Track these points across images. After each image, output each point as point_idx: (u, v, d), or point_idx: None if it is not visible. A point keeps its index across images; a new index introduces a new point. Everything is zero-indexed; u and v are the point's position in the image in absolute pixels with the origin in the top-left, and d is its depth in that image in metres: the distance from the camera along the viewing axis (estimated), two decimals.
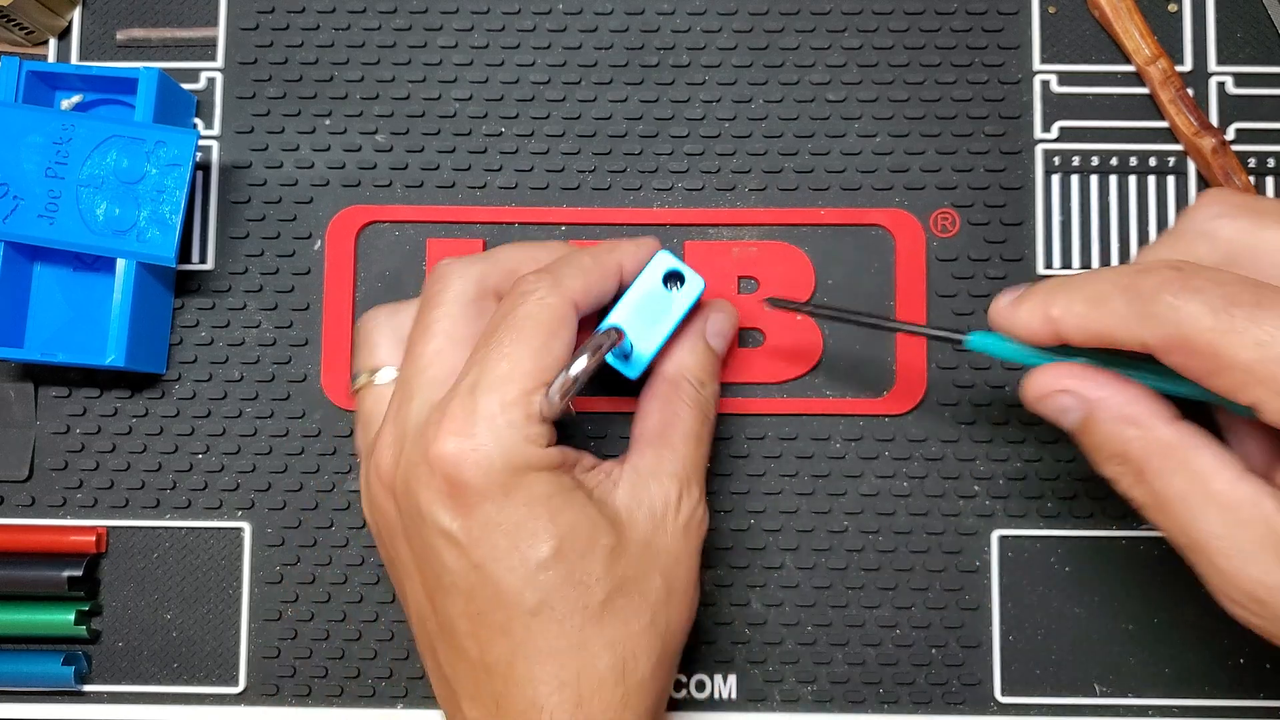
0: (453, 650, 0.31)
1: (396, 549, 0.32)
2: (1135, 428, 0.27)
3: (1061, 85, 0.39)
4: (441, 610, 0.31)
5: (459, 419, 0.30)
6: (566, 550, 0.30)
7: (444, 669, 0.32)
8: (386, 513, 0.32)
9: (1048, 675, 0.38)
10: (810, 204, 0.39)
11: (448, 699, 0.32)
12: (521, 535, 0.30)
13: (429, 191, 0.39)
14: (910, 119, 0.39)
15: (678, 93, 0.39)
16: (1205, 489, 0.26)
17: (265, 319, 0.39)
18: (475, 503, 0.30)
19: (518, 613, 0.30)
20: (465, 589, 0.30)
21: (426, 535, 0.30)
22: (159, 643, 0.38)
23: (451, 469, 0.29)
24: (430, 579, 0.31)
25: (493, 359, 0.30)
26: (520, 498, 0.30)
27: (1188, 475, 0.26)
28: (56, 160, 0.36)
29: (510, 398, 0.30)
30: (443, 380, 0.31)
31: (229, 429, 0.39)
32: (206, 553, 0.39)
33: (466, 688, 0.31)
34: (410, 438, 0.31)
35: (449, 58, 0.40)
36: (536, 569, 0.30)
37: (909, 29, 0.39)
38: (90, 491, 0.39)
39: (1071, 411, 0.28)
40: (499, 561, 0.30)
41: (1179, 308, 0.25)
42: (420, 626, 0.32)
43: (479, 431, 0.29)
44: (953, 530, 0.38)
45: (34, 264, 0.38)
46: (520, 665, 0.30)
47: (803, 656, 0.38)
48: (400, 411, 0.31)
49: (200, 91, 0.40)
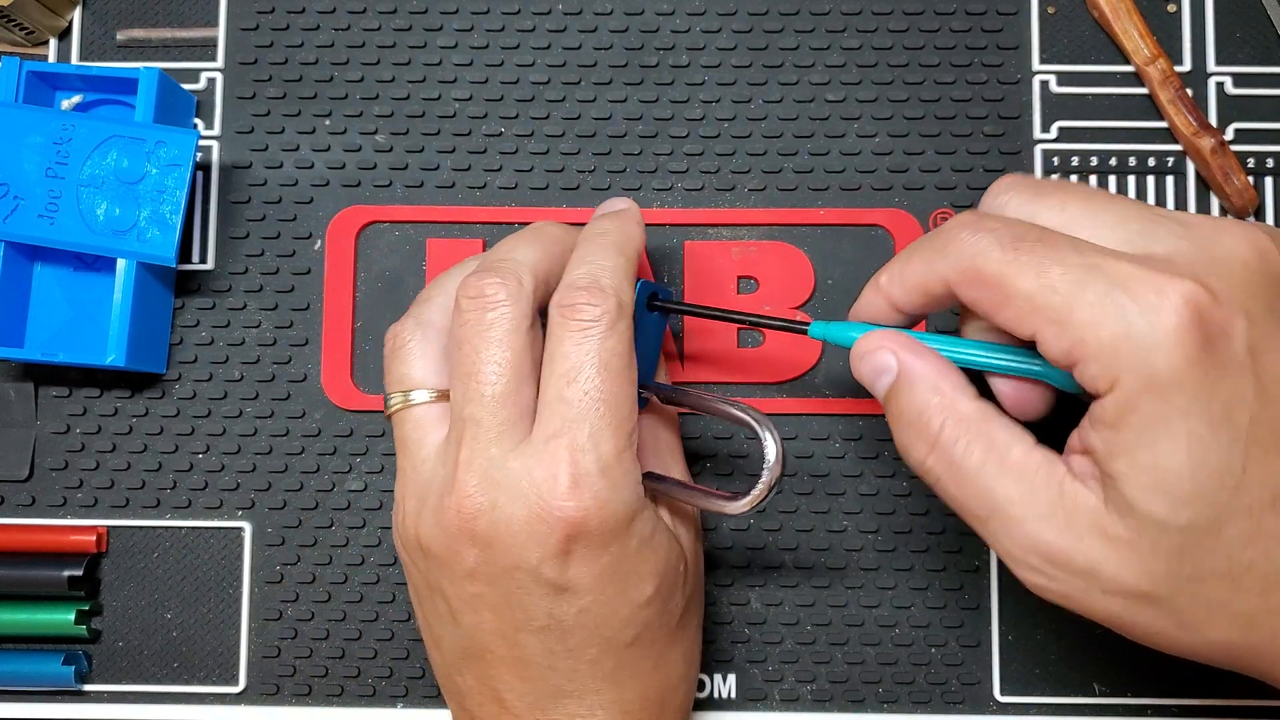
0: (520, 676, 0.31)
1: (459, 586, 0.31)
2: (939, 397, 0.28)
3: (1060, 85, 0.39)
4: (520, 644, 0.31)
5: (577, 473, 0.29)
6: (663, 587, 0.31)
7: (500, 691, 0.31)
8: (453, 553, 0.30)
9: (1047, 675, 0.38)
10: (810, 204, 0.39)
11: (492, 714, 0.32)
12: (630, 580, 0.30)
13: (429, 191, 0.39)
14: (910, 119, 0.39)
15: (677, 93, 0.39)
16: (1002, 458, 0.27)
17: (265, 319, 0.39)
18: (594, 555, 0.30)
19: (614, 647, 0.31)
20: (561, 631, 0.30)
21: (521, 583, 0.30)
22: (159, 642, 0.38)
23: (576, 526, 0.29)
24: (517, 619, 0.30)
25: (589, 405, 0.30)
26: (633, 544, 0.30)
27: (985, 445, 0.27)
28: (57, 160, 0.36)
29: (621, 445, 0.30)
30: (517, 421, 0.30)
31: (229, 429, 0.39)
32: (207, 552, 0.39)
33: (529, 709, 0.31)
34: (508, 488, 0.30)
35: (449, 58, 0.40)
36: (639, 608, 0.31)
37: (908, 29, 0.39)
38: (90, 491, 0.39)
39: (887, 374, 0.29)
40: (607, 605, 0.30)
41: (973, 242, 0.27)
42: (470, 647, 0.31)
43: (600, 485, 0.29)
44: (952, 530, 0.38)
45: (34, 264, 0.38)
46: (608, 691, 0.31)
47: (802, 656, 0.38)
48: (476, 455, 0.30)
49: (200, 91, 0.40)
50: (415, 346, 0.33)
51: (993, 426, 0.28)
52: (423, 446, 0.32)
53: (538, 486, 0.29)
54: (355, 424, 0.39)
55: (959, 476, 0.28)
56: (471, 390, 0.30)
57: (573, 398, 0.30)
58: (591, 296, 0.30)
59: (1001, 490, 0.27)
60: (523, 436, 0.30)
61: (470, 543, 0.30)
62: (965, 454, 0.28)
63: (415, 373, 0.32)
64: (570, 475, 0.29)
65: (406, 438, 0.32)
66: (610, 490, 0.29)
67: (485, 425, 0.30)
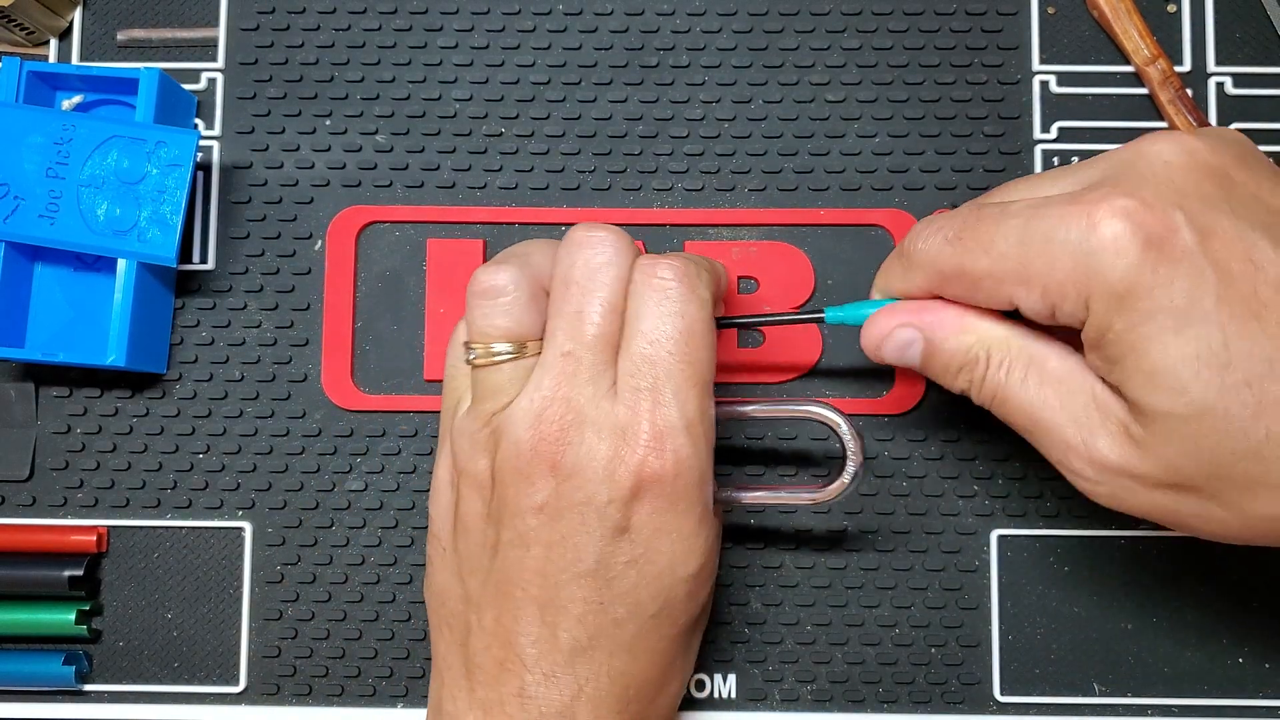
0: (543, 622, 0.31)
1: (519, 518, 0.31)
2: (971, 334, 0.30)
3: (1060, 86, 0.39)
4: (558, 587, 0.31)
5: (660, 424, 0.30)
6: (703, 570, 0.32)
7: (515, 635, 0.31)
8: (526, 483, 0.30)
9: (1047, 674, 0.38)
10: (810, 204, 0.39)
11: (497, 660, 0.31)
12: (680, 547, 0.31)
13: (429, 191, 0.39)
14: (910, 119, 0.39)
15: (677, 93, 0.39)
16: (1040, 370, 0.29)
17: (266, 319, 0.39)
18: (660, 507, 0.30)
19: (641, 613, 0.31)
20: (603, 579, 0.31)
21: (584, 520, 0.30)
22: (159, 642, 0.38)
23: (652, 474, 0.30)
24: (565, 559, 0.30)
25: (675, 364, 0.30)
26: (697, 510, 0.31)
27: (1024, 361, 0.29)
28: (57, 160, 0.36)
29: (703, 405, 0.31)
30: (609, 365, 0.31)
31: (229, 429, 0.39)
32: (207, 552, 0.39)
33: (539, 660, 0.31)
34: (596, 424, 0.30)
35: (449, 58, 0.40)
36: (679, 580, 0.31)
37: (908, 29, 0.39)
38: (91, 491, 0.39)
39: (913, 343, 0.31)
40: (653, 564, 0.31)
41: (926, 250, 0.30)
42: (504, 583, 0.31)
43: (681, 440, 0.30)
44: (952, 530, 0.38)
45: (35, 264, 0.38)
46: (620, 657, 0.31)
47: (802, 656, 0.38)
48: (571, 390, 0.30)
49: (201, 92, 0.40)
50: (514, 296, 0.32)
51: (1028, 342, 0.30)
52: (502, 394, 0.32)
53: (623, 430, 0.30)
54: (355, 424, 0.39)
55: (1005, 395, 0.30)
56: (575, 328, 0.31)
57: (658, 356, 0.30)
58: (676, 266, 0.31)
59: (1041, 400, 0.29)
60: (611, 383, 0.31)
61: (549, 473, 0.30)
62: (1008, 374, 0.30)
63: (505, 323, 0.32)
64: (653, 425, 0.30)
65: (495, 385, 0.32)
66: (689, 447, 0.30)
67: (584, 363, 0.31)
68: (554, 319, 0.31)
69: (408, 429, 0.39)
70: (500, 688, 0.31)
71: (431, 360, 0.39)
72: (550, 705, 0.31)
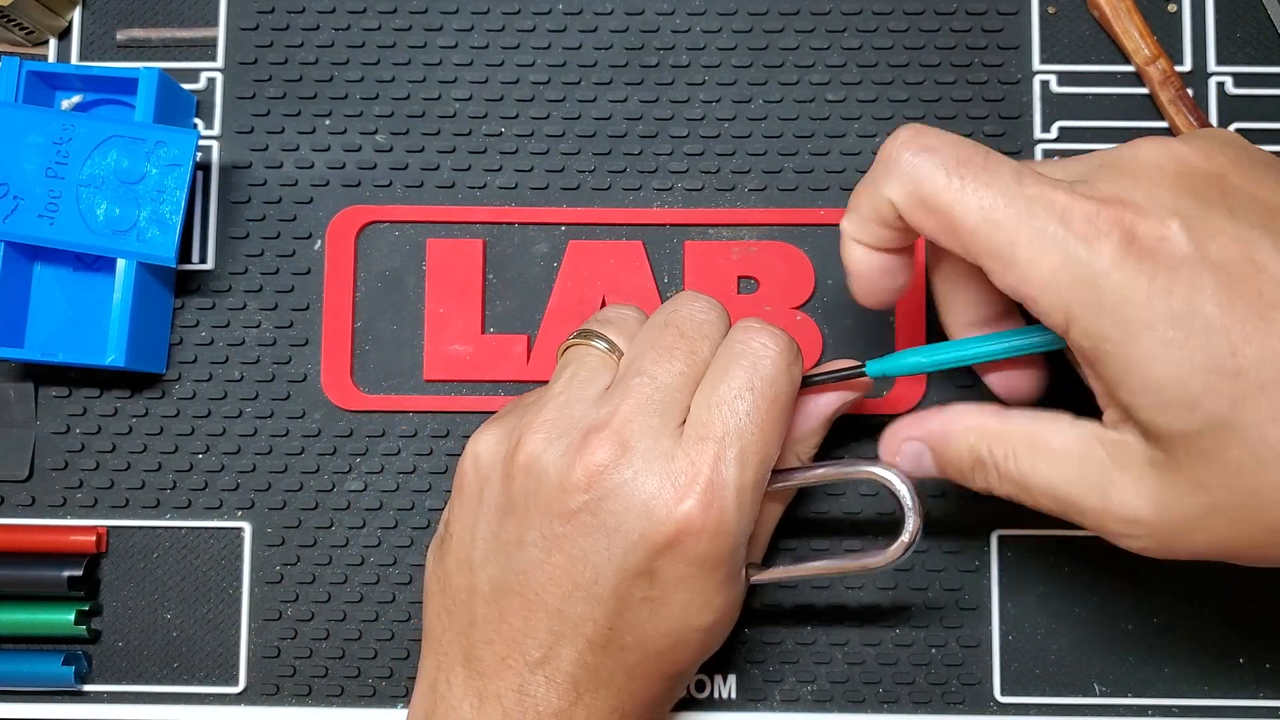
0: (550, 630, 0.30)
1: (548, 521, 0.30)
2: (971, 433, 0.30)
3: (1061, 85, 0.39)
4: (572, 601, 0.30)
5: (714, 482, 0.29)
6: (717, 626, 0.32)
7: (521, 636, 0.31)
8: (564, 490, 0.30)
9: (1047, 675, 0.38)
10: (810, 204, 0.39)
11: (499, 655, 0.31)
12: (700, 600, 0.30)
13: (429, 191, 0.39)
14: (910, 119, 0.39)
15: (677, 93, 0.39)
16: (1047, 449, 0.29)
17: (265, 319, 0.39)
18: (687, 561, 0.30)
19: (649, 649, 0.31)
20: (618, 608, 0.30)
21: (610, 550, 0.30)
22: (159, 642, 0.38)
23: (688, 532, 0.29)
24: (584, 577, 0.30)
25: (747, 426, 0.30)
26: (722, 573, 0.30)
27: (1027, 446, 0.29)
28: (56, 160, 0.36)
29: (760, 477, 0.30)
30: (681, 410, 0.30)
31: (229, 429, 0.39)
32: (206, 552, 0.39)
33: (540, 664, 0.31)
34: (649, 460, 0.30)
35: (449, 58, 0.40)
36: (691, 630, 0.31)
37: (909, 29, 0.39)
38: (90, 491, 0.39)
39: (922, 454, 0.31)
40: (669, 609, 0.30)
41: (916, 165, 0.28)
42: (519, 582, 0.31)
43: (729, 504, 0.29)
44: (952, 530, 0.38)
45: (34, 264, 0.38)
46: (619, 679, 0.31)
47: (802, 656, 0.38)
48: (638, 417, 0.30)
49: (200, 91, 0.40)
50: (628, 321, 0.33)
51: (1026, 426, 0.29)
52: (588, 385, 0.32)
53: (674, 476, 0.29)
54: (355, 424, 0.39)
55: (1022, 484, 0.29)
56: (663, 363, 0.31)
57: (735, 415, 0.30)
58: (780, 338, 0.31)
59: (1056, 477, 0.28)
60: (677, 424, 0.30)
61: (587, 489, 0.30)
62: (1018, 464, 0.29)
63: (610, 331, 0.33)
64: (708, 480, 0.29)
65: (577, 371, 0.32)
66: (735, 513, 0.30)
67: (662, 393, 0.30)
68: (643, 347, 0.31)
69: (407, 429, 0.39)
70: (499, 681, 0.31)
71: (431, 360, 0.39)
72: (549, 706, 0.31)
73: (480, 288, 0.39)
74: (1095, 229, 0.26)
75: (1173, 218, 0.26)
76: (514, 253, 0.39)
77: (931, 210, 0.28)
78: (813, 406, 0.34)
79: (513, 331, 0.39)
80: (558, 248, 0.39)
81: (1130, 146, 0.28)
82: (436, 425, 0.39)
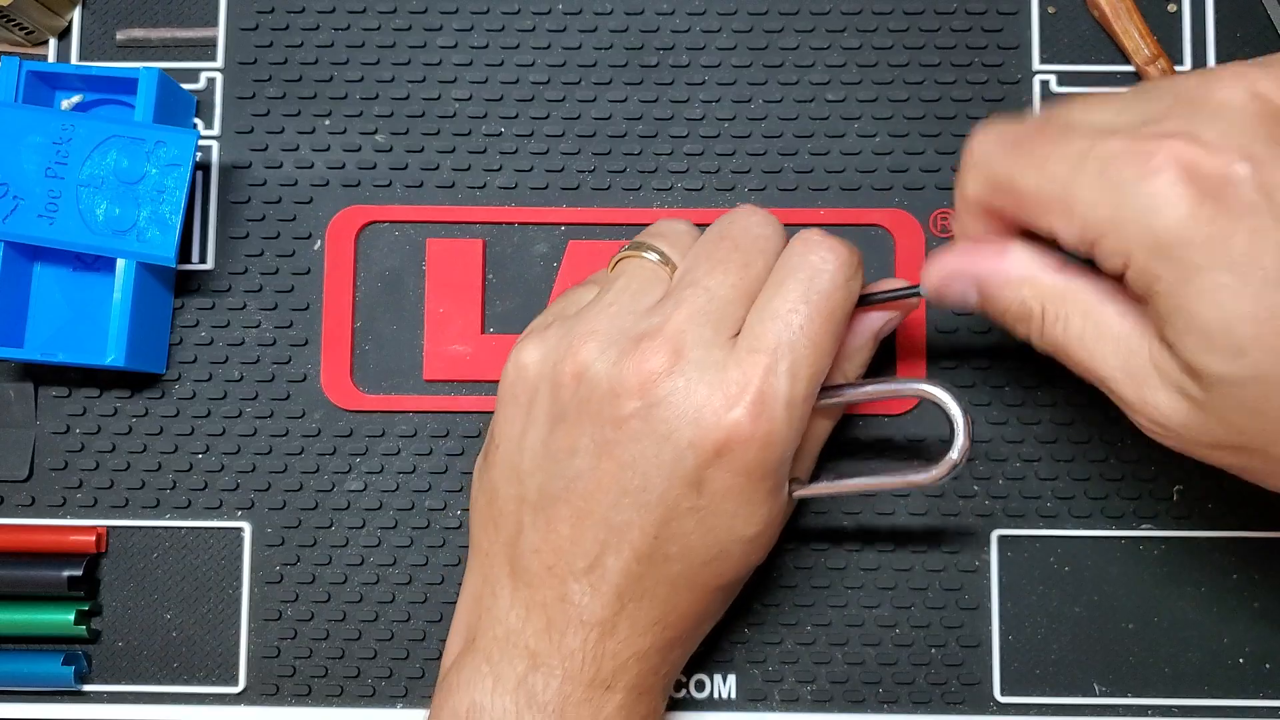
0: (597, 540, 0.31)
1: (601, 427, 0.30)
2: (1025, 286, 0.29)
3: (1061, 85, 0.39)
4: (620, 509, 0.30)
5: (764, 393, 0.29)
6: (762, 536, 0.32)
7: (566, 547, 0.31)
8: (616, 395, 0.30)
9: (1047, 675, 0.38)
10: (810, 204, 0.39)
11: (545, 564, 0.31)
12: (744, 510, 0.30)
13: (429, 191, 0.39)
14: (910, 119, 0.39)
15: (677, 93, 0.39)
16: (1098, 323, 0.28)
17: (265, 319, 0.39)
18: (735, 470, 0.30)
19: (693, 560, 0.31)
20: (665, 518, 0.30)
21: (660, 457, 0.30)
22: (159, 643, 0.38)
23: (737, 441, 0.29)
24: (633, 484, 0.30)
25: (800, 339, 0.30)
26: (769, 484, 0.30)
27: (1081, 313, 0.28)
28: (56, 160, 0.36)
29: (810, 390, 0.30)
30: (736, 322, 0.30)
31: (229, 429, 0.39)
32: (206, 553, 0.39)
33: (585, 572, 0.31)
34: (701, 369, 0.29)
35: (449, 58, 0.40)
36: (735, 540, 0.31)
37: (909, 29, 0.39)
38: (90, 491, 0.39)
39: (969, 293, 0.30)
40: (713, 519, 0.30)
41: (983, 150, 0.28)
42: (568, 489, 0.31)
43: (779, 415, 0.29)
44: (952, 530, 0.38)
45: (34, 264, 0.38)
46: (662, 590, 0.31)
47: (802, 656, 0.38)
48: (692, 325, 0.30)
49: (200, 91, 0.40)
50: (681, 234, 0.33)
51: (1086, 296, 0.28)
52: (640, 296, 0.32)
53: (725, 386, 0.29)
54: (355, 424, 0.39)
55: (1064, 350, 0.29)
56: (717, 274, 0.31)
57: (789, 327, 0.30)
58: (840, 251, 0.31)
59: (1100, 356, 0.28)
60: (731, 335, 0.30)
61: (640, 395, 0.30)
62: (1066, 327, 0.28)
63: (663, 244, 0.33)
64: (759, 390, 0.29)
65: (629, 283, 0.32)
66: (784, 424, 0.30)
67: (716, 304, 0.30)
68: (696, 259, 0.31)
69: (407, 429, 0.39)
70: (545, 590, 0.31)
71: (431, 360, 0.39)
72: (592, 615, 0.31)
73: (480, 288, 0.39)
74: (1151, 166, 0.25)
75: (1240, 159, 0.25)
76: (514, 253, 0.39)
77: (1000, 188, 0.28)
78: (863, 324, 0.33)
79: (513, 331, 0.39)
80: (558, 248, 0.39)
81: (1205, 80, 0.27)
82: (436, 425, 0.39)
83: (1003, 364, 0.38)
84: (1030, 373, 0.38)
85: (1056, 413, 0.38)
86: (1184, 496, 0.38)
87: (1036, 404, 0.38)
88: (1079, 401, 0.38)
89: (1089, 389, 0.29)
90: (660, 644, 0.32)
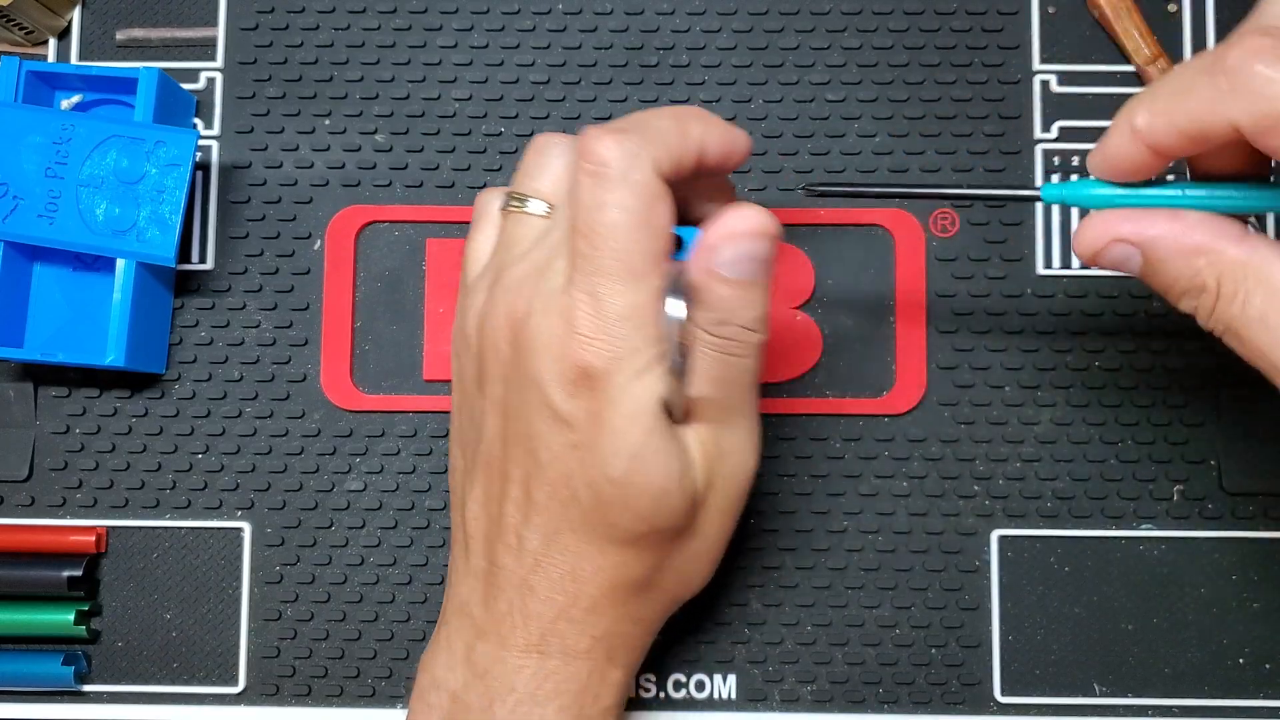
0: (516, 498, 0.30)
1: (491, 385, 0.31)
2: (1202, 256, 0.26)
3: (1061, 85, 0.39)
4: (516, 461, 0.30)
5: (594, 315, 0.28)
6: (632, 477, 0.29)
7: (502, 506, 0.31)
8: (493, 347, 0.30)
9: (1047, 675, 0.38)
10: (810, 204, 0.39)
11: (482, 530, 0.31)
12: (609, 442, 0.29)
13: (429, 191, 0.39)
14: (910, 119, 0.39)
15: (678, 93, 0.39)
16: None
17: (265, 319, 0.39)
18: (591, 394, 0.28)
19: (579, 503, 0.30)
20: (545, 459, 0.30)
21: (534, 398, 0.29)
22: (159, 643, 0.38)
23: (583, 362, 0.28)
24: (522, 432, 0.30)
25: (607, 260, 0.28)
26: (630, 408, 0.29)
27: (1265, 291, 0.25)
28: (56, 160, 0.36)
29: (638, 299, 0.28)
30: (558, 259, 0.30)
31: (229, 429, 0.39)
32: (206, 553, 0.39)
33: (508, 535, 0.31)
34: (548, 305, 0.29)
35: (449, 58, 0.40)
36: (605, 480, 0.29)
37: (909, 29, 0.39)
38: (90, 491, 0.39)
39: (1131, 259, 0.27)
40: (589, 452, 0.29)
41: (1273, 79, 0.23)
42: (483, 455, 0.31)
43: (616, 331, 0.28)
44: (952, 530, 0.38)
45: (34, 264, 0.38)
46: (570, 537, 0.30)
47: (802, 656, 0.38)
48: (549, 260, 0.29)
49: (200, 91, 0.40)
50: (555, 161, 0.31)
51: (1270, 268, 0.25)
52: (518, 246, 0.31)
53: (565, 314, 0.28)
54: (355, 424, 0.39)
55: (1240, 331, 0.26)
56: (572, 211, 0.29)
57: (590, 247, 0.28)
58: (609, 145, 0.28)
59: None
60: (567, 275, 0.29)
61: (511, 340, 0.30)
62: (1244, 308, 0.25)
63: (543, 184, 0.31)
64: (587, 318, 0.28)
65: (511, 237, 0.31)
66: (621, 340, 0.28)
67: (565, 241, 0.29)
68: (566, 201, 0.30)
69: (407, 429, 0.39)
70: (480, 558, 0.31)
71: (431, 360, 0.39)
72: (513, 576, 0.31)
73: None
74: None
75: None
76: None
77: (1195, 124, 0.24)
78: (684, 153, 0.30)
79: None
80: None
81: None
82: (436, 425, 0.39)
83: (1003, 364, 0.38)
84: (1030, 373, 0.38)
85: (1056, 413, 0.38)
86: (1184, 496, 0.38)
87: (1036, 404, 0.38)
88: (1079, 401, 0.38)
89: (1089, 389, 0.29)
90: (583, 602, 0.31)
